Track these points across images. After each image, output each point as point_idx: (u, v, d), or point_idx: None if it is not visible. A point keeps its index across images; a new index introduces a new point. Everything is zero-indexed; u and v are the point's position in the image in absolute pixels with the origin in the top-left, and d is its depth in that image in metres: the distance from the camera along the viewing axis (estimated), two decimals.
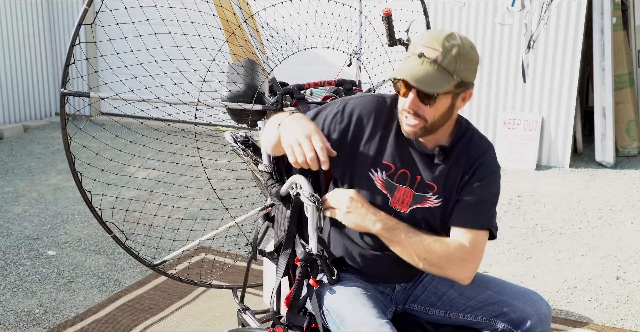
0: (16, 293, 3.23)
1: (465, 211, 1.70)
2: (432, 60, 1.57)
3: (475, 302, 1.82)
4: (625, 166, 5.30)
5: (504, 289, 1.83)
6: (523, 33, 5.17)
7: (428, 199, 1.73)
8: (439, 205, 1.73)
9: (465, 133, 1.75)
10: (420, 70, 1.58)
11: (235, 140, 2.25)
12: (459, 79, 1.61)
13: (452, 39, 1.60)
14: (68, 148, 2.16)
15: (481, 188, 1.71)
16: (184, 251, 2.62)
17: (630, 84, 5.52)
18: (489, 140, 1.80)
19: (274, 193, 1.90)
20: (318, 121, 1.75)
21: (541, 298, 1.81)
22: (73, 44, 2.03)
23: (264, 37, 2.51)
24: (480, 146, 1.75)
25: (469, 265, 1.67)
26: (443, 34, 1.60)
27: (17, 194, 4.74)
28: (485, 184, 1.72)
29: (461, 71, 1.60)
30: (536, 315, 1.77)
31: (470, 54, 1.61)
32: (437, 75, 1.58)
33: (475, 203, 1.70)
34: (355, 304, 1.69)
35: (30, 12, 6.83)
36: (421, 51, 1.59)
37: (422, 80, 1.57)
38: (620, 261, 3.57)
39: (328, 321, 1.74)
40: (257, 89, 2.18)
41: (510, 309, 1.78)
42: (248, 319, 2.47)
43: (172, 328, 2.90)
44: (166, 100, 2.16)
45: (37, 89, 7.01)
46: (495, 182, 1.75)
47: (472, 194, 1.71)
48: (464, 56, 1.59)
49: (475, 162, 1.72)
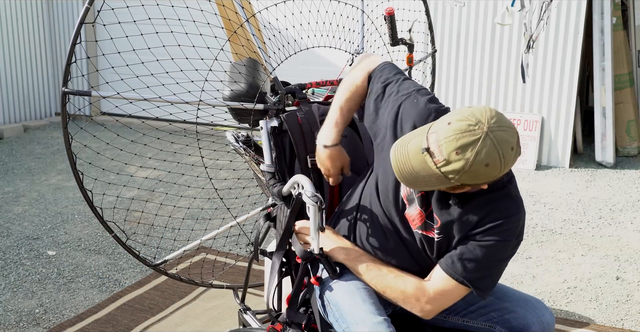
0: (16, 293, 3.23)
1: (453, 257, 1.59)
2: (432, 160, 1.42)
3: (476, 307, 1.79)
4: (625, 166, 5.30)
5: (507, 295, 1.80)
6: (522, 33, 5.17)
7: (433, 230, 1.65)
8: (439, 240, 1.65)
9: (500, 189, 1.58)
10: (416, 164, 1.44)
11: (237, 140, 2.24)
12: (459, 183, 1.45)
13: (468, 149, 1.38)
14: (69, 147, 2.15)
15: (482, 248, 1.56)
16: (185, 250, 2.62)
17: (630, 84, 5.52)
18: (522, 207, 1.61)
19: (276, 193, 1.89)
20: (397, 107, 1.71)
21: (544, 306, 1.78)
22: (74, 42, 2.02)
23: (266, 36, 2.50)
24: (506, 209, 1.57)
25: (426, 306, 1.64)
26: (463, 138, 1.38)
27: (17, 194, 4.74)
28: (490, 246, 1.56)
29: (463, 180, 1.44)
30: (538, 323, 1.73)
31: (479, 172, 1.41)
32: (432, 176, 1.44)
33: (468, 258, 1.57)
34: (356, 299, 1.69)
35: (30, 12, 6.83)
36: (427, 146, 1.43)
37: (411, 179, 1.47)
38: (620, 261, 3.57)
39: (327, 312, 1.74)
40: (259, 89, 2.18)
41: (512, 316, 1.75)
42: (249, 320, 2.47)
43: (172, 328, 2.90)
44: (168, 100, 2.15)
45: (37, 89, 7.00)
46: (502, 250, 1.58)
47: (470, 248, 1.57)
48: (470, 173, 1.41)
49: (491, 222, 1.56)
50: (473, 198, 1.56)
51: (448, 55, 5.55)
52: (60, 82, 2.01)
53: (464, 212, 1.57)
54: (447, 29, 5.52)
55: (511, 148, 1.41)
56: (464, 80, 5.55)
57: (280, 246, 1.85)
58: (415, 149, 1.45)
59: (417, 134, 1.48)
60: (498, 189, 1.57)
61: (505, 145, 1.40)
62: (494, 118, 1.41)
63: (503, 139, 1.40)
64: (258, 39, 2.24)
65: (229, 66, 2.28)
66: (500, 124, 1.41)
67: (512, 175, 1.62)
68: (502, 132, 1.40)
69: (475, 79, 5.51)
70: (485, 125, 1.39)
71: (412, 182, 1.49)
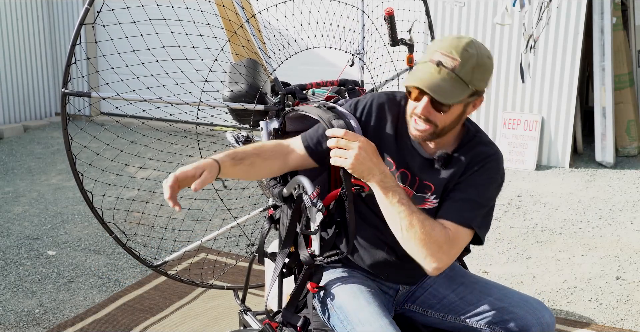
0: (16, 293, 3.23)
1: (450, 205, 1.67)
2: (449, 69, 1.56)
3: (474, 307, 1.78)
4: (625, 166, 5.30)
5: (506, 296, 1.78)
6: (522, 33, 5.17)
7: (427, 200, 1.72)
8: (437, 205, 1.71)
9: (471, 140, 1.74)
10: (437, 79, 1.57)
11: (237, 141, 2.24)
12: (474, 89, 1.60)
13: (471, 48, 1.58)
14: (69, 148, 2.16)
15: (472, 187, 1.68)
16: (185, 251, 2.62)
17: (630, 84, 5.52)
18: (497, 149, 1.75)
19: (277, 194, 1.89)
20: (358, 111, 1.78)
21: (544, 307, 1.76)
22: (74, 43, 2.02)
23: (266, 37, 2.50)
24: (483, 153, 1.72)
25: (443, 256, 1.59)
26: (462, 42, 1.58)
27: (17, 194, 4.74)
28: (478, 185, 1.68)
29: (477, 81, 1.59)
30: (538, 324, 1.72)
31: (486, 64, 1.61)
32: (453, 85, 1.57)
33: (461, 199, 1.66)
34: (361, 301, 1.69)
35: (30, 12, 6.83)
36: (439, 59, 1.57)
37: (439, 90, 1.56)
38: (620, 261, 3.57)
39: (330, 314, 1.74)
40: (259, 89, 2.18)
41: (511, 317, 1.73)
42: (249, 320, 2.47)
43: (172, 328, 2.90)
44: (168, 100, 2.15)
45: (37, 89, 7.00)
46: (490, 187, 1.70)
47: (461, 192, 1.68)
48: (481, 66, 1.59)
49: (475, 165, 1.69)
50: (452, 157, 1.72)
51: None
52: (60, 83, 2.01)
53: (450, 168, 1.70)
54: (447, 29, 5.52)
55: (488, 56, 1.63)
56: None
57: (285, 245, 1.85)
58: (432, 70, 1.58)
59: (423, 62, 1.62)
60: (471, 139, 1.74)
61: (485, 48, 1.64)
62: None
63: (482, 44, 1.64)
64: (258, 40, 2.24)
65: (229, 67, 2.28)
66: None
67: (478, 127, 1.80)
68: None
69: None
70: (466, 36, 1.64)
71: (442, 94, 1.59)
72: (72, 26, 6.99)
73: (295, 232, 1.82)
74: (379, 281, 1.85)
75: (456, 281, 1.85)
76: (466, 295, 1.81)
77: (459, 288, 1.82)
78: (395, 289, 1.87)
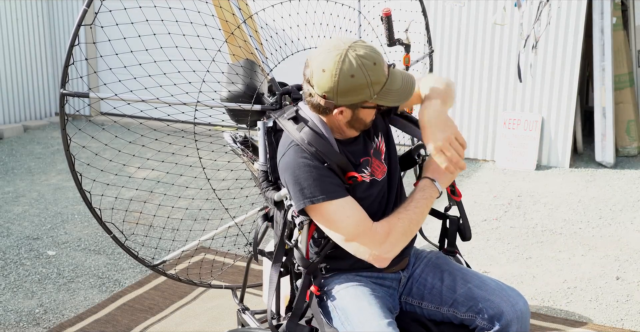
0: (16, 293, 3.23)
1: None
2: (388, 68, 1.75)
3: (458, 295, 1.82)
4: (625, 166, 5.30)
5: (484, 283, 1.82)
6: (519, 33, 5.17)
7: (383, 152, 1.89)
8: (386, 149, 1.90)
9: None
10: (404, 75, 1.80)
11: (235, 141, 2.24)
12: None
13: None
14: (68, 149, 2.16)
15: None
16: (184, 251, 2.63)
17: (630, 84, 5.52)
18: None
19: (269, 197, 1.90)
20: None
21: (519, 295, 1.79)
22: (72, 44, 2.03)
23: (263, 37, 2.51)
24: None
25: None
26: (333, 51, 1.74)
27: (17, 194, 4.75)
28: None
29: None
30: (512, 312, 1.74)
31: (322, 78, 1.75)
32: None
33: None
34: (363, 303, 1.71)
35: (30, 13, 6.84)
36: (388, 61, 1.78)
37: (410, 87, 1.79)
38: (620, 261, 3.57)
39: (332, 317, 1.74)
40: (256, 89, 2.18)
41: (487, 304, 1.77)
42: (248, 319, 2.48)
43: (172, 328, 2.90)
44: (165, 101, 2.15)
45: (37, 89, 7.01)
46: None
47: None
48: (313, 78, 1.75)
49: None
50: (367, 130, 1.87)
51: (448, 56, 5.55)
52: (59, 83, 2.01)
53: (370, 135, 1.89)
54: (447, 29, 5.52)
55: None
56: (463, 81, 5.55)
57: (277, 259, 1.85)
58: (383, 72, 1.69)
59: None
60: None
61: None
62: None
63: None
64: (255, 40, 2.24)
65: (226, 67, 2.28)
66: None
67: None
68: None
69: (475, 79, 5.50)
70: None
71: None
72: (72, 27, 6.99)
73: (284, 247, 1.85)
74: (382, 277, 1.86)
75: (441, 268, 1.91)
76: (448, 281, 1.85)
77: (444, 275, 1.87)
78: (397, 279, 1.89)
